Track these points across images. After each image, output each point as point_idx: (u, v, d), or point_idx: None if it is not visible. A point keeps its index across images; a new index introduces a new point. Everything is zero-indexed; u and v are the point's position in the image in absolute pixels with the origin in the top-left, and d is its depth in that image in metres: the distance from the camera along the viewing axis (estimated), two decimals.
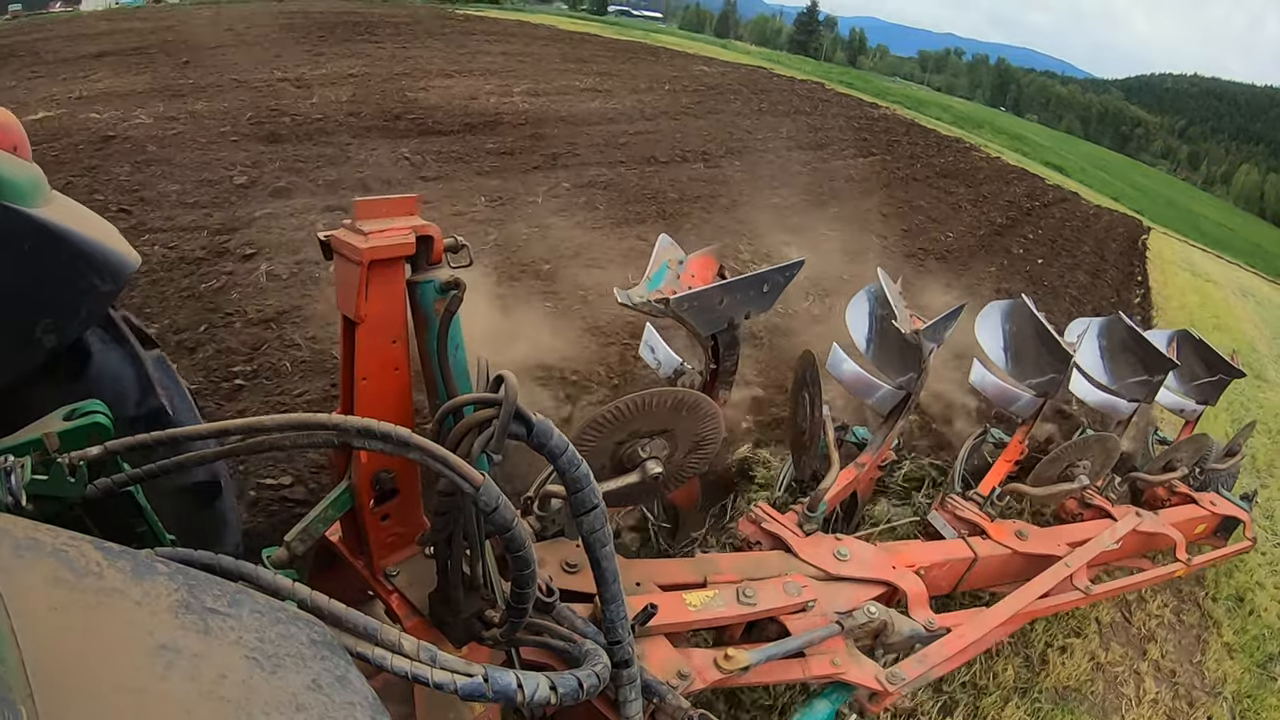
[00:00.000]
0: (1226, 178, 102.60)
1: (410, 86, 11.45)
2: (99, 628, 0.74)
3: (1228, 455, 4.40)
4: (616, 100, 13.25)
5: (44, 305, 1.56)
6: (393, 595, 1.81)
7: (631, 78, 16.36)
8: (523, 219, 6.95)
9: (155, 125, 7.90)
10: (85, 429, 1.24)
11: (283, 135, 8.26)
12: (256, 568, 1.04)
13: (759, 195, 9.16)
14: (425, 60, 13.99)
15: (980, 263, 9.24)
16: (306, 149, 7.93)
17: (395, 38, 16.20)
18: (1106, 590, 3.33)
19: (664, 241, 2.60)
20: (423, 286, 1.66)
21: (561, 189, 8.04)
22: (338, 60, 12.81)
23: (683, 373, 2.91)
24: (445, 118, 9.94)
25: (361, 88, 10.88)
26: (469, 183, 7.80)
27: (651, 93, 14.95)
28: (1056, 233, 12.92)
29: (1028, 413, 3.90)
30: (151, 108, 8.56)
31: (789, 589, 2.33)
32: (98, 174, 6.39)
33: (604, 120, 11.63)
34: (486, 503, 1.20)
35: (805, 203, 9.38)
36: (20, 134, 1.66)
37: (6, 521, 0.84)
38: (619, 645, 1.50)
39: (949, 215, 10.93)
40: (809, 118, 16.51)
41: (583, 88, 14.03)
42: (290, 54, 12.85)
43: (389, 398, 1.70)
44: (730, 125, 13.29)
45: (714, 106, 15.05)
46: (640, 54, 22.18)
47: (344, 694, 0.81)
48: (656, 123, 12.17)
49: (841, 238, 8.09)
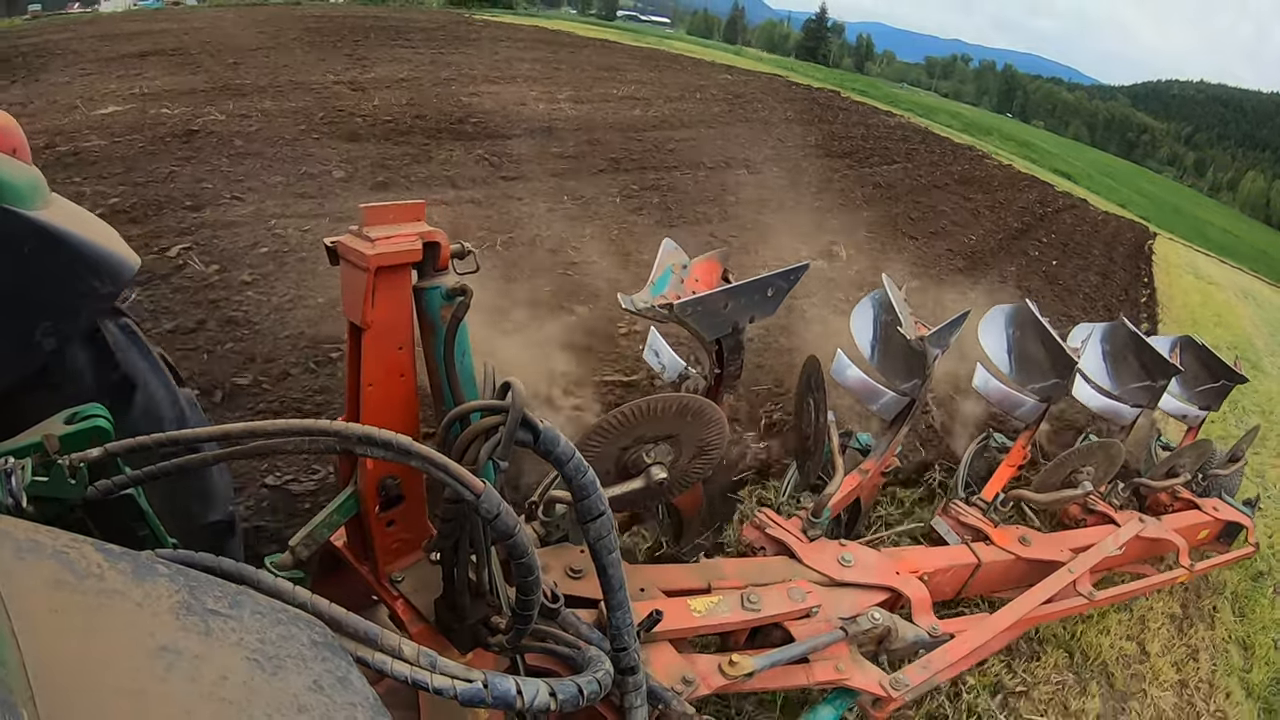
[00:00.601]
0: (1233, 184, 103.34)
1: (461, 92, 11.99)
2: (100, 629, 0.73)
3: (1230, 461, 4.39)
4: (655, 109, 14.15)
5: (44, 308, 1.56)
6: (398, 601, 1.81)
7: (663, 86, 17.22)
8: (608, 216, 7.68)
9: (232, 121, 8.35)
10: (86, 432, 1.24)
11: (361, 134, 8.77)
12: (258, 570, 1.03)
13: (802, 199, 9.93)
14: (466, 66, 14.63)
15: (1002, 263, 9.93)
16: (388, 148, 8.46)
17: (428, 44, 16.83)
18: (1110, 596, 3.32)
19: (668, 246, 2.60)
20: (429, 293, 1.66)
21: (631, 189, 8.79)
22: (382, 65, 13.40)
23: (687, 377, 2.90)
24: (505, 123, 10.54)
25: (415, 92, 11.40)
26: (546, 183, 8.39)
27: (684, 101, 15.76)
28: (1068, 237, 13.53)
29: (1031, 418, 3.89)
30: (221, 105, 9.02)
31: (793, 595, 2.32)
32: (196, 164, 6.82)
33: (649, 127, 12.43)
34: (488, 510, 1.20)
35: (842, 207, 10.06)
36: (20, 137, 1.65)
37: (7, 523, 0.83)
38: (624, 652, 1.49)
39: (970, 220, 11.67)
40: (831, 126, 17.18)
41: (620, 95, 14.89)
42: (333, 58, 13.51)
43: (394, 404, 1.70)
44: (763, 134, 13.98)
45: (744, 115, 15.81)
46: (664, 62, 23.24)
47: (345, 695, 0.81)
48: (696, 130, 12.93)
49: (880, 240, 8.89)
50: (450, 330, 1.66)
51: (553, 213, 7.32)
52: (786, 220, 8.62)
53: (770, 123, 15.36)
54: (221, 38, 14.11)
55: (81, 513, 1.22)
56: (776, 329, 5.58)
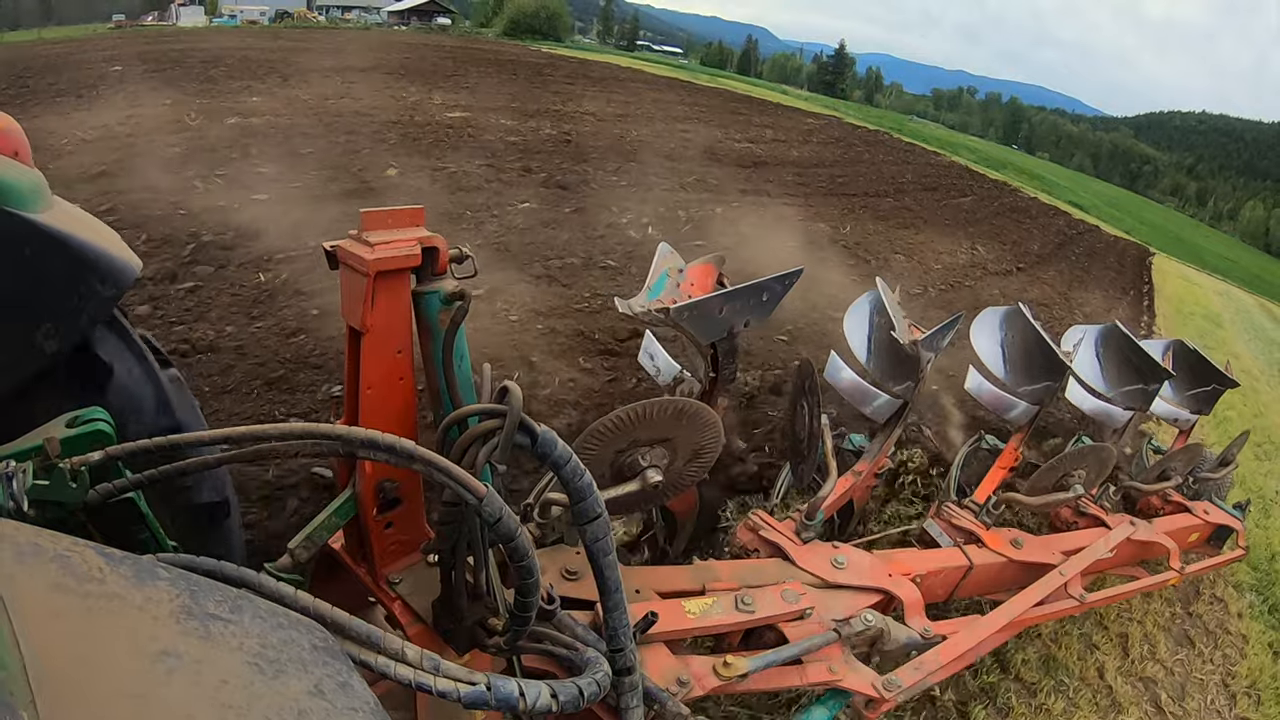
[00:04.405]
0: (1233, 214, 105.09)
1: (666, 130, 16.39)
2: (101, 633, 0.73)
3: (1221, 465, 4.42)
4: (797, 150, 18.81)
5: (45, 310, 1.56)
6: (395, 603, 1.81)
7: (785, 130, 22.17)
8: (871, 222, 11.99)
9: (587, 139, 13.38)
10: (87, 435, 1.24)
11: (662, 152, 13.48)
12: (259, 574, 1.04)
13: (935, 216, 14.31)
14: (621, 105, 19.40)
15: (1056, 263, 14.01)
16: (712, 168, 13.00)
17: (559, 84, 21.52)
18: (1100, 599, 3.34)
19: (663, 250, 2.61)
20: (428, 297, 1.66)
21: (858, 207, 12.91)
22: (580, 100, 18.77)
23: (682, 380, 2.91)
24: (725, 154, 14.89)
25: (642, 125, 16.35)
26: (815, 197, 12.95)
27: (808, 144, 20.38)
28: (1091, 250, 18.07)
29: (1023, 421, 3.91)
30: (557, 124, 14.30)
31: (787, 596, 2.33)
32: (624, 170, 11.41)
33: (810, 165, 16.68)
34: (490, 514, 1.20)
35: (951, 226, 13.90)
36: (21, 139, 1.65)
37: (8, 527, 0.83)
38: (621, 653, 1.50)
39: (1024, 238, 15.47)
40: (909, 168, 21.36)
41: (771, 139, 19.63)
42: (527, 90, 18.84)
43: (393, 408, 1.70)
44: (877, 171, 18.41)
45: (853, 155, 20.37)
46: (740, 102, 29.07)
47: (346, 699, 0.81)
48: (835, 169, 17.07)
49: (979, 251, 12.32)
50: (449, 334, 1.67)
51: (847, 215, 12.00)
52: (940, 230, 12.91)
53: (872, 162, 20.03)
54: (402, 61, 19.47)
55: (82, 516, 1.22)
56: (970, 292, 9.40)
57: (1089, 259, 16.33)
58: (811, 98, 56.82)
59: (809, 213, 11.43)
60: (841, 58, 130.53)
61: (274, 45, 20.70)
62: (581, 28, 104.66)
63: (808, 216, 11.13)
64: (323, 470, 3.41)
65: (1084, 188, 52.42)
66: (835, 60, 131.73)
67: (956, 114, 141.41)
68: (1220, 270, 34.33)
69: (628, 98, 21.23)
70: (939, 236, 12.30)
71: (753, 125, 21.34)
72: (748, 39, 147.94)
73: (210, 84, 13.85)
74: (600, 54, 40.17)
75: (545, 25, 66.98)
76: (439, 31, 31.89)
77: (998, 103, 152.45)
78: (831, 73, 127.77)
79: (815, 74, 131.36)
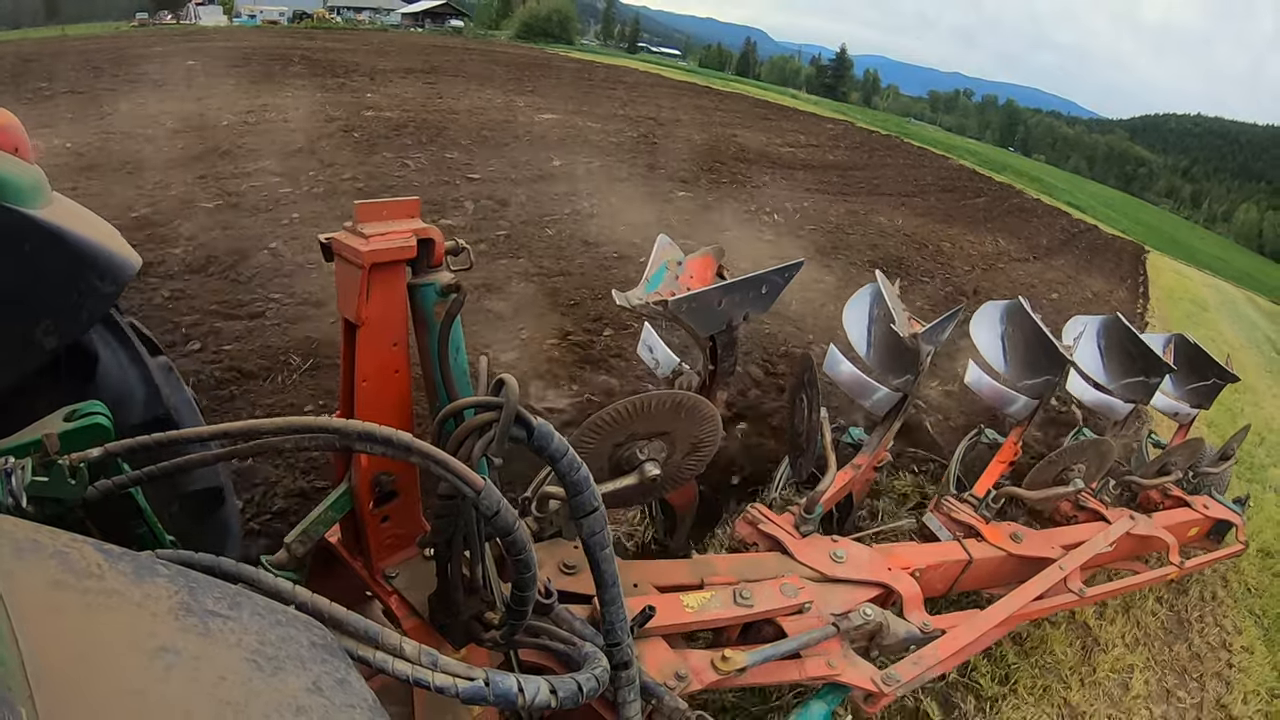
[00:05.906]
0: (1227, 216, 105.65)
1: (722, 135, 18.41)
2: (99, 629, 0.73)
3: (1221, 459, 4.42)
4: (831, 154, 20.82)
5: (44, 306, 1.55)
6: (392, 597, 1.81)
7: (814, 135, 24.26)
8: (903, 217, 13.89)
9: (664, 142, 15.53)
10: (86, 430, 1.24)
11: (738, 156, 15.88)
12: (257, 570, 1.04)
13: (958, 214, 16.44)
14: (654, 109, 20.99)
15: (1065, 255, 16.39)
16: (789, 172, 15.72)
17: (603, 88, 23.75)
18: (1100, 593, 3.35)
19: (662, 242, 2.59)
20: (424, 290, 1.66)
21: (896, 204, 15.13)
22: (637, 105, 20.91)
23: (681, 373, 2.90)
24: (791, 160, 17.45)
25: (704, 133, 18.30)
26: (857, 199, 14.63)
27: (838, 149, 22.36)
28: (1092, 245, 20.06)
29: (1023, 414, 3.91)
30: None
31: (785, 590, 2.34)
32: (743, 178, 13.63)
33: (846, 168, 18.81)
34: (488, 507, 1.20)
35: (973, 223, 15.89)
36: (21, 135, 1.64)
37: (7, 523, 0.83)
38: (618, 647, 1.50)
39: (1036, 233, 17.74)
40: (926, 170, 23.39)
41: (805, 143, 21.56)
42: (583, 94, 20.87)
43: (389, 400, 1.70)
44: (901, 174, 20.40)
45: (877, 160, 22.24)
46: (763, 106, 31.42)
47: (344, 696, 0.81)
48: (866, 171, 19.23)
49: (1000, 243, 14.44)
50: (444, 327, 1.66)
51: (895, 211, 14.30)
52: (966, 226, 15.04)
53: (890, 166, 21.74)
54: (455, 65, 21.59)
55: (81, 511, 1.22)
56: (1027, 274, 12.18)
57: (1091, 252, 18.61)
58: (820, 102, 57.62)
59: (870, 209, 13.75)
60: (843, 61, 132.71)
61: (316, 45, 22.37)
62: (580, 29, 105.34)
63: (869, 211, 13.56)
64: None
65: (1081, 189, 52.93)
66: (836, 63, 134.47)
67: (953, 116, 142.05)
68: (1212, 269, 35.01)
69: (670, 103, 23.43)
70: (967, 231, 14.47)
71: (785, 130, 23.58)
72: (746, 41, 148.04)
73: (300, 79, 15.85)
74: (609, 57, 41.43)
75: (557, 29, 68.18)
76: (453, 34, 32.63)
77: (994, 105, 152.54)
78: (833, 76, 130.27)
79: (814, 76, 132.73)
